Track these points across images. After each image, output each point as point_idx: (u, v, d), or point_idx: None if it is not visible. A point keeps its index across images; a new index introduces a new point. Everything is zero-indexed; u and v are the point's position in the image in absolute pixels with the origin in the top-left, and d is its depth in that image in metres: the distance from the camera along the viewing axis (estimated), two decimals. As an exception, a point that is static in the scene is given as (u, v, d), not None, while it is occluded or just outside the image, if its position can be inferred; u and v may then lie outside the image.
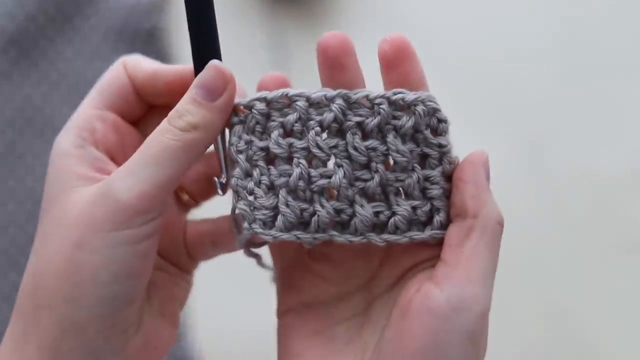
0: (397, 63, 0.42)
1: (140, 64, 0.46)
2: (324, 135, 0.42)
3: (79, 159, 0.43)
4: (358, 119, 0.42)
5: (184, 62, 0.47)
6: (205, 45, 0.43)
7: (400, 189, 0.43)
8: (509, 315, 1.03)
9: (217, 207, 0.49)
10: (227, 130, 0.44)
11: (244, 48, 1.12)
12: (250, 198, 0.43)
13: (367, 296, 0.45)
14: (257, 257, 0.47)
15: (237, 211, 0.43)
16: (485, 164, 0.42)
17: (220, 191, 0.45)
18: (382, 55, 0.42)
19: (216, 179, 0.44)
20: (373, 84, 0.44)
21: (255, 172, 0.43)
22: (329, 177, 0.42)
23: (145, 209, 0.40)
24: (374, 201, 0.43)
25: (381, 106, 0.42)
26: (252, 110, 0.43)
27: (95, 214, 0.40)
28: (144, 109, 0.47)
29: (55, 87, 0.87)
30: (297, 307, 0.45)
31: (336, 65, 0.42)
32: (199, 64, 0.43)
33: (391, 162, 0.43)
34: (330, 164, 0.43)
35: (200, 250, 0.48)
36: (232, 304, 1.06)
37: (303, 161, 0.42)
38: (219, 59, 0.43)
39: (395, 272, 0.44)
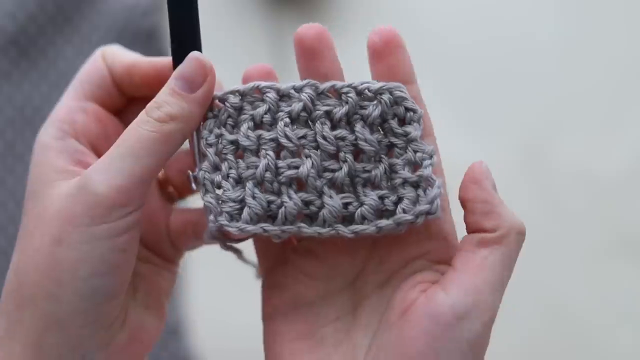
0: (385, 54, 0.42)
1: (119, 56, 0.46)
2: (294, 126, 0.42)
3: (58, 151, 0.42)
4: (327, 108, 0.42)
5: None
6: (186, 37, 0.43)
7: (369, 179, 0.42)
8: (507, 314, 1.03)
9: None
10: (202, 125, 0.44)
11: (243, 47, 1.12)
12: (219, 191, 0.42)
13: (354, 296, 0.44)
14: (236, 251, 0.46)
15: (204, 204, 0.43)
16: (488, 175, 0.41)
17: (193, 185, 0.44)
18: (371, 45, 0.42)
19: (190, 172, 0.44)
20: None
21: (224, 166, 0.42)
22: (297, 167, 0.41)
23: (122, 202, 0.39)
24: (342, 192, 0.42)
25: (349, 95, 0.41)
26: (225, 103, 0.43)
27: (74, 209, 0.39)
28: (126, 99, 0.47)
29: (55, 87, 0.87)
30: (283, 308, 0.44)
31: (312, 55, 0.42)
32: (179, 55, 0.42)
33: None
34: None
35: (184, 240, 0.47)
36: (232, 302, 1.06)
37: (270, 152, 0.42)
38: (200, 50, 0.43)
39: (383, 270, 0.43)
